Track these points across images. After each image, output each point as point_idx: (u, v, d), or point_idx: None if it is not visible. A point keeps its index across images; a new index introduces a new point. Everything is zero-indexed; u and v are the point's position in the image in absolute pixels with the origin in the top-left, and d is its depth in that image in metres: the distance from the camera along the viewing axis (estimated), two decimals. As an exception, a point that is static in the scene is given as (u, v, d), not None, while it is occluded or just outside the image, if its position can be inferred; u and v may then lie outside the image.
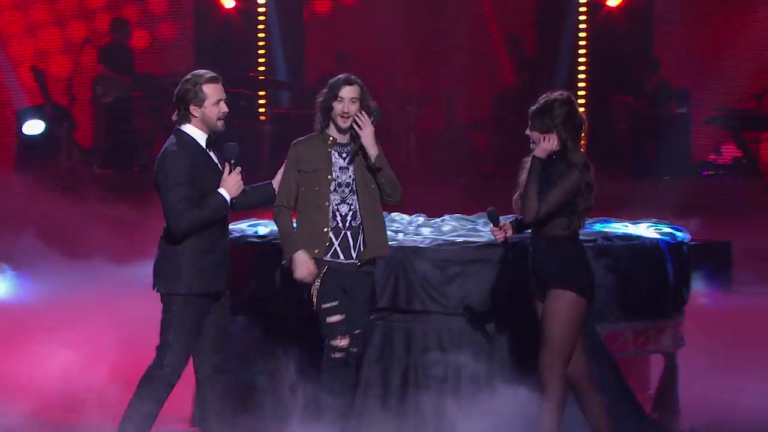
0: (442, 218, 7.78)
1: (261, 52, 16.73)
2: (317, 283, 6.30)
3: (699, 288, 9.55)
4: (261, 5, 16.68)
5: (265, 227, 7.51)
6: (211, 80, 6.18)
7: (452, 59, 16.03)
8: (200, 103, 6.15)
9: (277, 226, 6.38)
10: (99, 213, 12.31)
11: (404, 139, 15.66)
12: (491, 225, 6.26)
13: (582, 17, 16.48)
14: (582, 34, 16.57)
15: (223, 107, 6.20)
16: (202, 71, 6.21)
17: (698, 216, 11.45)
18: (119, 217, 12.13)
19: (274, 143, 15.22)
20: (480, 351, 6.80)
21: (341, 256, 6.32)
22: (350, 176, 6.35)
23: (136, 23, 16.75)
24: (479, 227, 7.47)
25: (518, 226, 6.30)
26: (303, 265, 6.27)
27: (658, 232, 7.52)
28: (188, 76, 6.20)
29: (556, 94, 6.19)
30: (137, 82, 16.10)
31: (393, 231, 7.21)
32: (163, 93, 16.20)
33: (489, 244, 6.95)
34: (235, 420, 6.29)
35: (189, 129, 6.19)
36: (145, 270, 6.51)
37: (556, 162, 6.16)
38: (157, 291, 6.22)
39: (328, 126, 6.39)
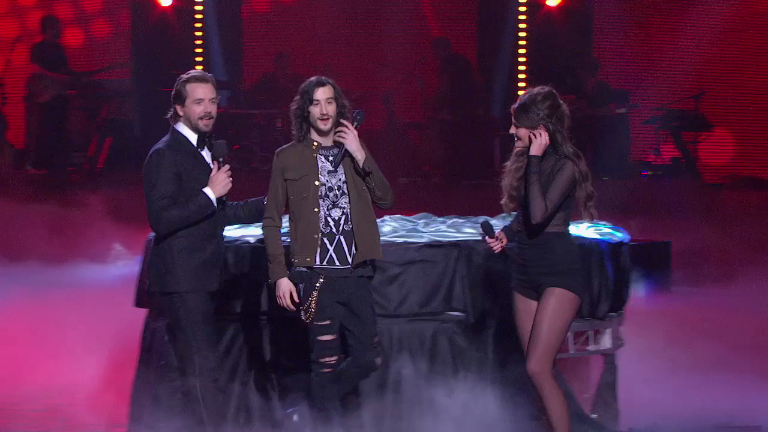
0: (381, 219, 7.78)
1: (198, 50, 16.65)
2: (312, 298, 6.22)
3: (638, 289, 9.68)
4: (198, 3, 16.60)
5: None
6: (194, 79, 6.23)
7: (392, 58, 16.07)
8: (182, 102, 6.19)
9: (265, 243, 6.30)
10: (31, 214, 12.20)
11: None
12: (486, 237, 6.21)
13: (522, 17, 16.60)
14: (522, 34, 16.69)
15: (206, 107, 6.19)
16: (193, 71, 6.31)
17: (637, 216, 11.59)
18: (53, 218, 12.03)
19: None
20: (421, 355, 6.81)
21: (337, 262, 6.25)
22: (340, 179, 6.29)
23: (69, 21, 16.61)
24: (419, 228, 7.49)
25: (510, 232, 6.29)
26: (286, 293, 6.21)
27: (597, 233, 7.58)
28: (181, 75, 6.27)
29: (538, 88, 6.20)
30: (73, 81, 15.96)
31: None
32: (98, 92, 16.10)
33: (429, 245, 6.97)
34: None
35: (181, 128, 6.26)
36: (77, 271, 6.48)
37: (547, 157, 6.17)
38: (150, 290, 6.27)
39: (309, 131, 6.32)
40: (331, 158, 6.29)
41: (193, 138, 6.24)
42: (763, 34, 16.76)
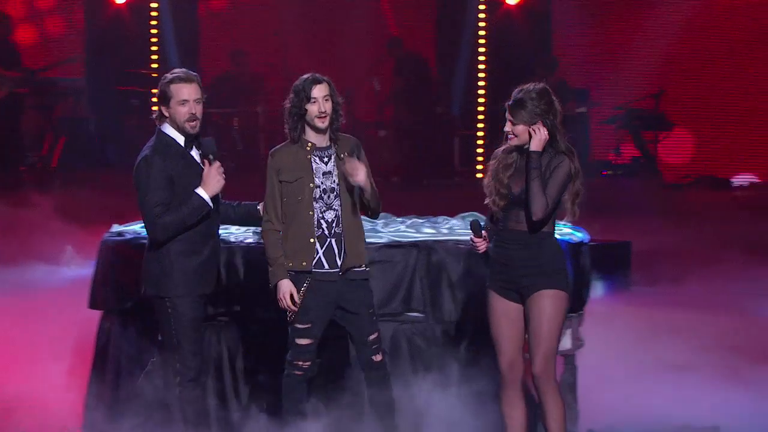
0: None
1: (154, 48, 16.57)
2: (297, 299, 6.19)
3: (598, 289, 9.72)
4: (153, 0, 16.52)
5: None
6: (178, 80, 6.16)
7: (350, 57, 16.06)
8: (167, 103, 6.12)
9: (265, 245, 6.24)
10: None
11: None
12: (472, 235, 6.19)
13: (481, 15, 16.64)
14: (481, 32, 16.74)
15: (191, 108, 6.12)
16: (178, 70, 6.22)
17: (597, 216, 11.64)
18: (4, 218, 11.94)
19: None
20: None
21: (326, 265, 6.22)
22: (334, 181, 6.25)
23: (22, 18, 16.48)
24: (378, 228, 7.48)
25: (490, 232, 6.29)
26: (287, 294, 6.17)
27: (557, 233, 7.59)
28: (165, 75, 6.21)
29: (530, 85, 6.20)
30: (26, 79, 15.83)
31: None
32: (52, 90, 15.99)
33: (389, 245, 6.96)
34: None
35: (167, 129, 6.20)
36: (29, 272, 6.43)
37: (542, 153, 6.15)
38: (144, 294, 6.22)
39: (303, 131, 6.27)
40: (326, 159, 6.25)
41: (180, 139, 6.17)
42: (724, 32, 16.90)
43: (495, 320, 6.21)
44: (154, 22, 16.59)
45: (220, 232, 6.51)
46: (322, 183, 6.23)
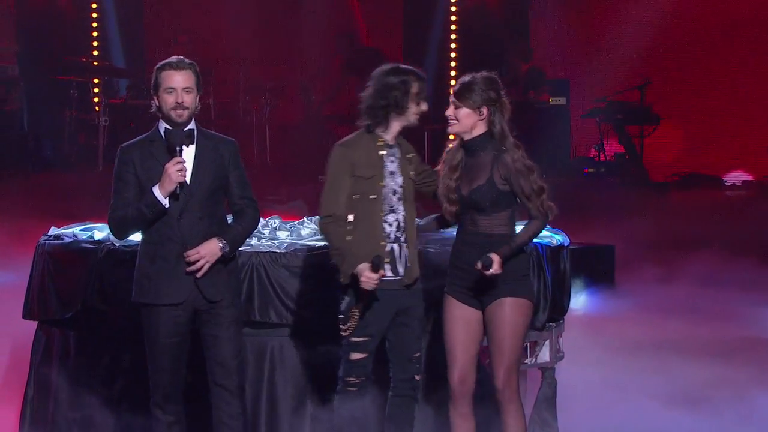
0: (300, 221, 7.81)
1: (95, 35, 16.52)
2: (356, 310, 6.18)
3: (580, 296, 9.79)
4: (93, -18, 16.50)
5: (100, 231, 7.45)
6: (168, 66, 6.17)
7: (310, 45, 16.08)
8: (157, 92, 6.16)
9: (329, 239, 6.19)
10: None
11: (258, 133, 15.66)
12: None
13: (452, 1, 16.72)
14: (453, 18, 16.81)
15: (178, 97, 6.10)
16: (173, 57, 6.22)
17: (578, 218, 11.70)
18: None
19: (110, 138, 15.05)
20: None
21: (389, 273, 6.23)
22: (399, 183, 6.27)
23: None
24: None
25: (442, 222, 6.38)
26: (371, 274, 6.08)
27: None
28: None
29: (480, 73, 6.28)
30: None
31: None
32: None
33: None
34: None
35: (161, 122, 6.20)
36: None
37: (487, 148, 6.23)
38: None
39: (386, 125, 6.26)
40: (393, 158, 6.25)
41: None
42: (715, 18, 16.99)
43: (450, 327, 6.27)
44: (94, 5, 16.55)
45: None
46: (388, 183, 6.25)
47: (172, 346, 6.11)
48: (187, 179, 6.09)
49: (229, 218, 6.37)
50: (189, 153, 6.14)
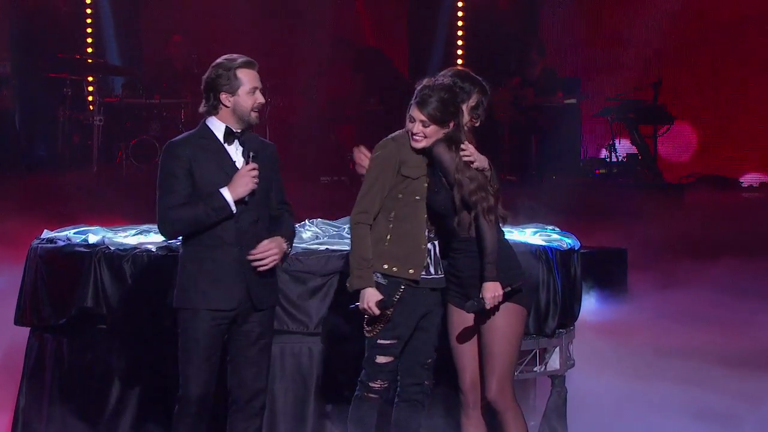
0: (301, 223, 7.82)
1: (89, 31, 16.53)
2: (385, 312, 6.16)
3: (591, 301, 9.78)
4: (87, -24, 16.51)
5: (94, 234, 7.46)
6: (247, 65, 6.14)
7: (313, 42, 16.08)
8: (234, 91, 6.10)
9: (355, 244, 6.20)
10: None
11: (257, 132, 15.65)
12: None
13: (459, -1, 16.77)
14: (460, 14, 16.82)
15: (260, 97, 6.12)
16: (235, 55, 6.16)
17: (589, 220, 11.70)
18: None
19: (105, 138, 15.06)
20: (346, 375, 6.83)
21: (432, 271, 6.25)
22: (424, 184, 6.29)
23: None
24: (344, 233, 7.53)
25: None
26: (372, 302, 6.11)
27: (544, 239, 7.67)
28: (220, 60, 6.15)
29: (436, 79, 6.28)
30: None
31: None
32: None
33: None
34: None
35: (213, 121, 6.14)
36: None
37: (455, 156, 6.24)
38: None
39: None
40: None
41: (220, 131, 6.10)
42: (731, 13, 16.98)
43: (455, 335, 6.30)
44: (88, 1, 16.56)
45: None
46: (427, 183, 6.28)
47: (209, 357, 6.03)
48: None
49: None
50: (233, 152, 6.12)
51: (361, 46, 16.80)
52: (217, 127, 6.13)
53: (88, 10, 16.54)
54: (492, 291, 6.13)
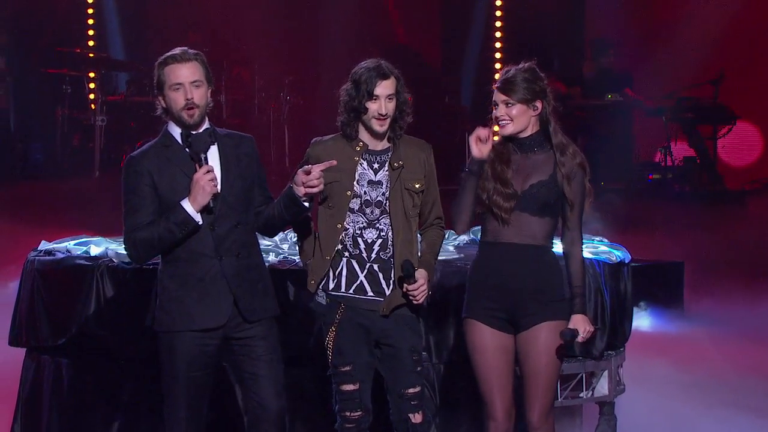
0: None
1: (90, 22, 16.61)
2: (331, 334, 6.18)
3: (643, 319, 9.78)
4: (88, -36, 16.60)
5: (96, 246, 7.50)
6: (170, 59, 6.05)
7: (335, 37, 16.12)
8: (162, 91, 6.07)
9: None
10: None
11: (276, 133, 15.71)
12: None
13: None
14: (498, 3, 16.85)
15: (188, 93, 6.00)
16: (174, 50, 6.10)
17: (642, 231, 11.70)
18: None
19: (108, 140, 15.13)
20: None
21: (369, 292, 6.20)
22: (383, 194, 6.23)
23: None
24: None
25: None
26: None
27: (592, 251, 7.67)
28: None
29: (522, 64, 6.30)
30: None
31: (263, 251, 7.24)
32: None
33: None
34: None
35: (171, 126, 6.10)
36: None
37: (544, 145, 6.26)
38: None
39: (357, 129, 6.31)
40: (376, 165, 6.26)
41: (178, 134, 6.07)
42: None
43: (484, 358, 6.19)
44: (90, -9, 16.66)
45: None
46: (364, 193, 6.21)
47: (195, 381, 5.99)
48: (218, 187, 6.00)
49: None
50: (212, 156, 6.06)
51: (389, 44, 16.84)
52: (176, 131, 6.10)
53: (89, 1, 16.63)
54: (584, 325, 6.13)
